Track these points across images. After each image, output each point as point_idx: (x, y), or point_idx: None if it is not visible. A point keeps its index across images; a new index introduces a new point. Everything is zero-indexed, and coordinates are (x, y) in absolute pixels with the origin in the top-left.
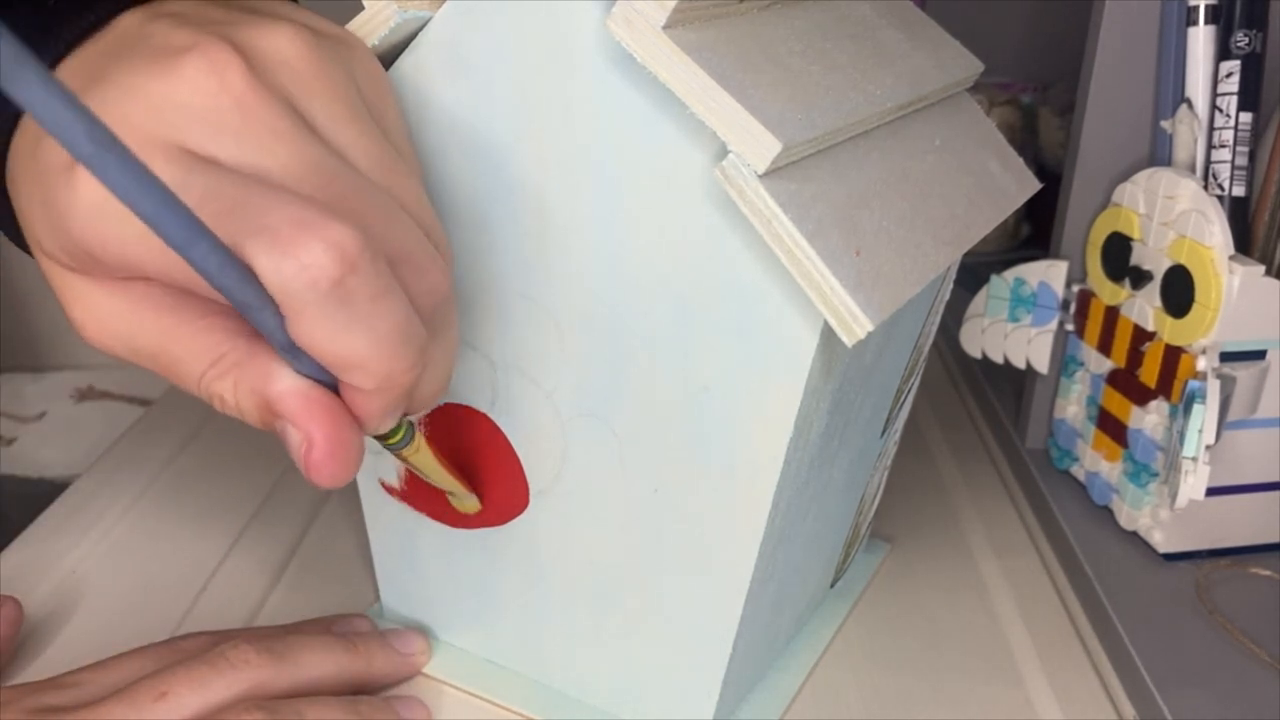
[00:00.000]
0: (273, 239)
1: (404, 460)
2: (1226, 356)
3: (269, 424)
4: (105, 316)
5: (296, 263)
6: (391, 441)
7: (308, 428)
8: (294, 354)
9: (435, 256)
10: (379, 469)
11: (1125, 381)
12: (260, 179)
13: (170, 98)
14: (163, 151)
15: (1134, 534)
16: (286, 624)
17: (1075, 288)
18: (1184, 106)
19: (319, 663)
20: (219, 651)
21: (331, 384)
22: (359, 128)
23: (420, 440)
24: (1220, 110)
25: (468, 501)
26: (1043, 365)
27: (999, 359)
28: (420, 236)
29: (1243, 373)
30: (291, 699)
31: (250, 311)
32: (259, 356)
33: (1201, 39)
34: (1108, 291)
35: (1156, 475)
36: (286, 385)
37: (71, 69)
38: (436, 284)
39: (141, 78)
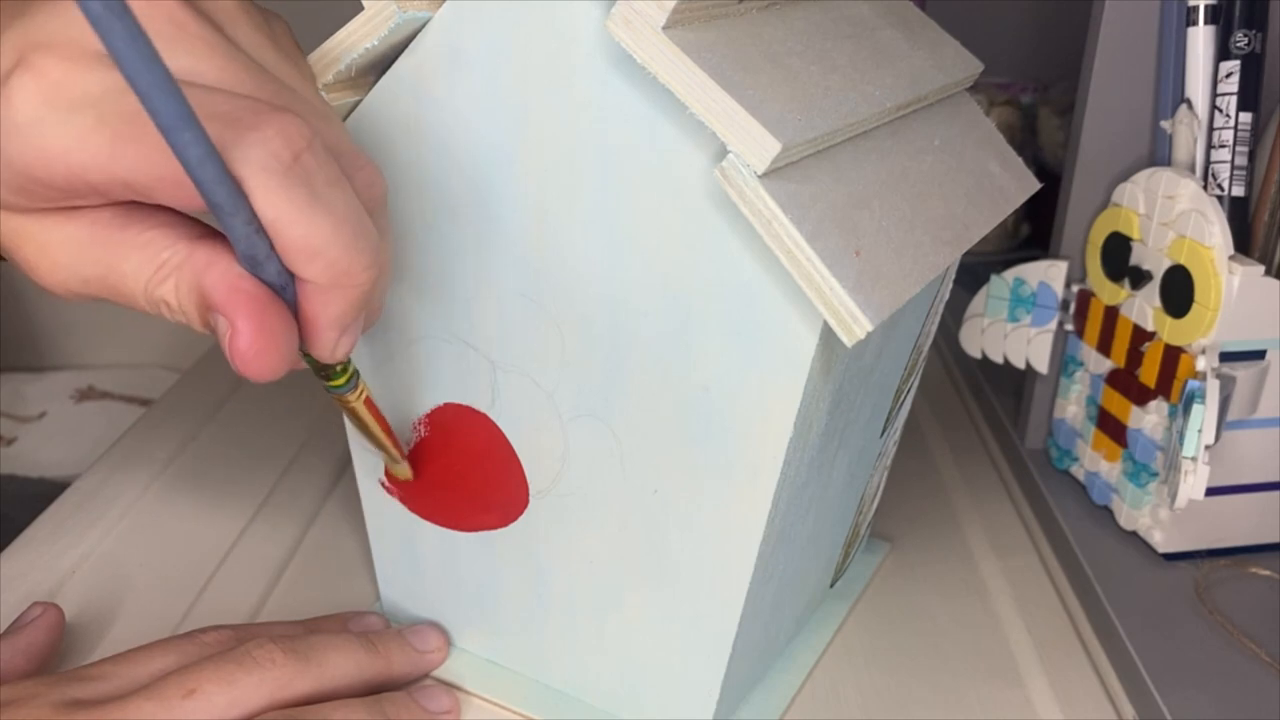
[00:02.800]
0: (234, 122)
1: (344, 407)
2: (1226, 356)
3: (206, 321)
4: (55, 252)
5: (259, 136)
6: (336, 383)
7: (233, 315)
8: (257, 264)
9: (368, 158)
10: (379, 469)
11: (1125, 381)
12: (201, 84)
13: None
14: (101, 60)
15: (1134, 534)
16: (304, 619)
17: (1075, 288)
18: (1184, 106)
19: (341, 662)
20: (245, 650)
21: (291, 299)
22: (278, 55)
23: (363, 390)
24: (1220, 110)
25: (400, 467)
26: (1042, 365)
27: (999, 359)
28: (349, 139)
29: (1242, 373)
30: (317, 705)
31: (222, 214)
32: (197, 254)
33: (1201, 39)
34: (1107, 291)
35: (1156, 475)
36: (219, 274)
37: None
38: (374, 179)
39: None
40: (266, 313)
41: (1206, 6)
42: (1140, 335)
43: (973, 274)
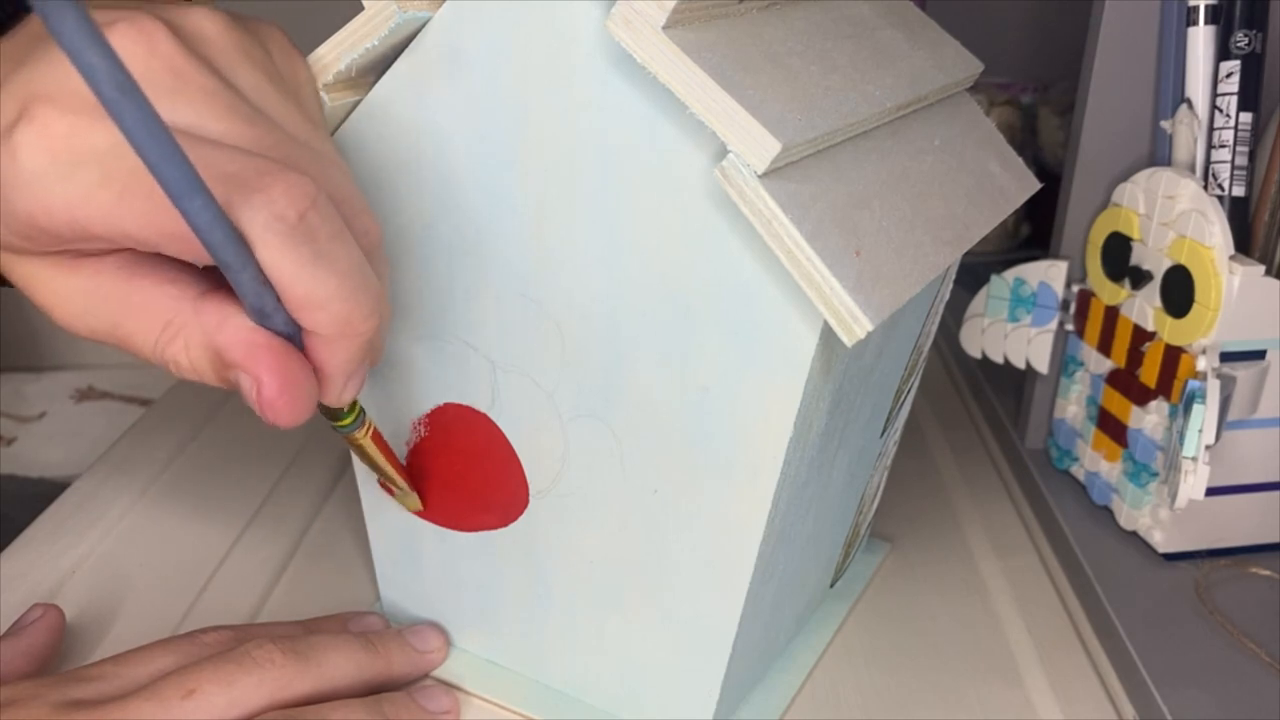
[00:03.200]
0: (240, 185)
1: (351, 444)
2: (1226, 356)
3: (225, 377)
4: (66, 301)
5: (265, 198)
6: (343, 423)
7: (255, 370)
8: (265, 316)
9: (366, 203)
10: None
11: (1125, 381)
12: (205, 139)
13: None
14: (104, 115)
15: (1134, 534)
16: (304, 620)
17: (1075, 288)
18: (1184, 106)
19: (341, 663)
20: (244, 650)
21: (298, 343)
22: (280, 96)
23: (369, 426)
24: (1220, 110)
25: (410, 499)
26: (1043, 365)
27: (999, 359)
28: (351, 184)
29: (1242, 373)
30: (317, 705)
31: (230, 271)
32: (205, 313)
33: (1201, 39)
34: (1108, 291)
35: (1156, 475)
36: (232, 332)
37: (4, 50)
38: (369, 226)
39: None
40: (287, 363)
41: (1206, 6)
42: (1140, 335)
43: (973, 274)
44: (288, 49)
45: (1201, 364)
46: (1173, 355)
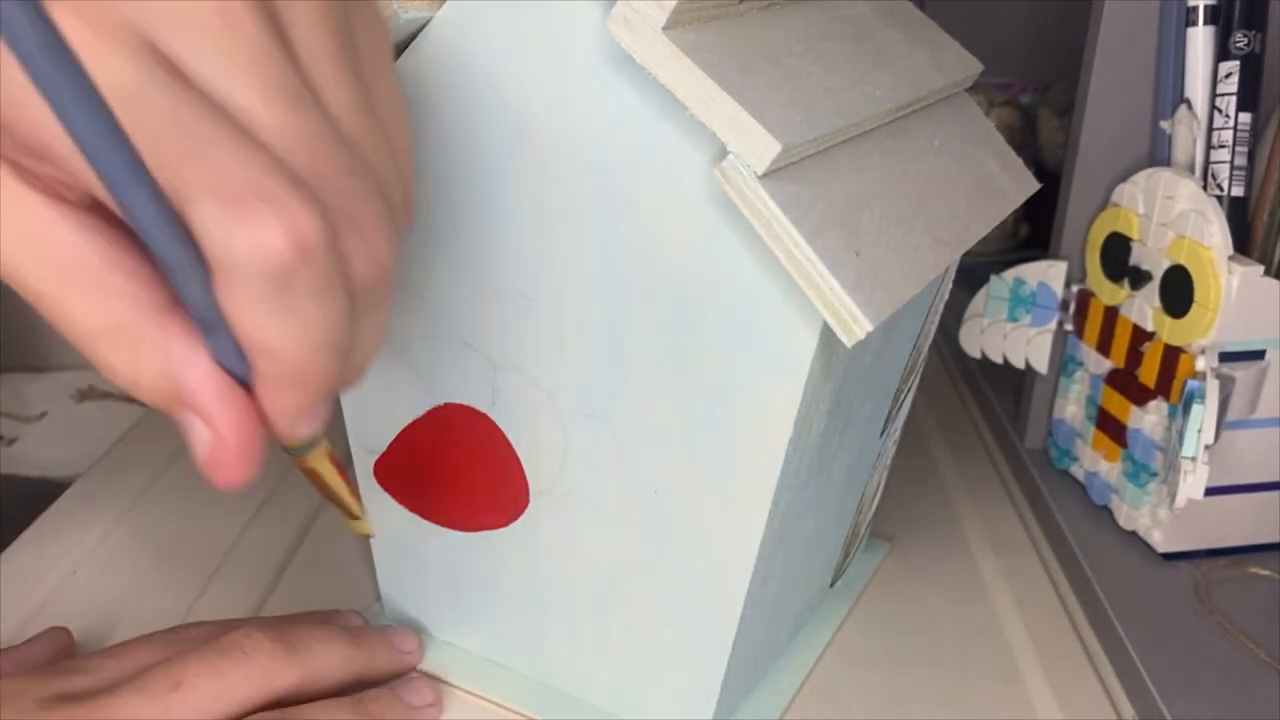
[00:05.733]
0: (232, 203)
1: (302, 467)
2: (1226, 356)
3: (169, 409)
4: (10, 224)
5: (251, 236)
6: (290, 446)
7: (220, 425)
8: (211, 331)
9: (385, 225)
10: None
11: (1124, 381)
12: (226, 114)
13: None
14: (127, 42)
15: (1133, 534)
16: (285, 615)
17: (1074, 288)
18: (1183, 107)
19: (327, 655)
20: (232, 640)
21: (242, 376)
22: (339, 68)
23: (324, 448)
24: (1219, 110)
25: (360, 525)
26: (1042, 365)
27: (998, 359)
28: (375, 202)
29: (1242, 373)
30: (303, 705)
31: (175, 274)
32: (174, 339)
33: (1201, 39)
34: (1107, 291)
35: (1156, 475)
36: (203, 376)
37: None
38: (380, 255)
39: None
40: (252, 424)
41: (1206, 6)
42: (1140, 335)
43: (973, 274)
44: (375, 22)
45: (1201, 364)
46: (1172, 355)
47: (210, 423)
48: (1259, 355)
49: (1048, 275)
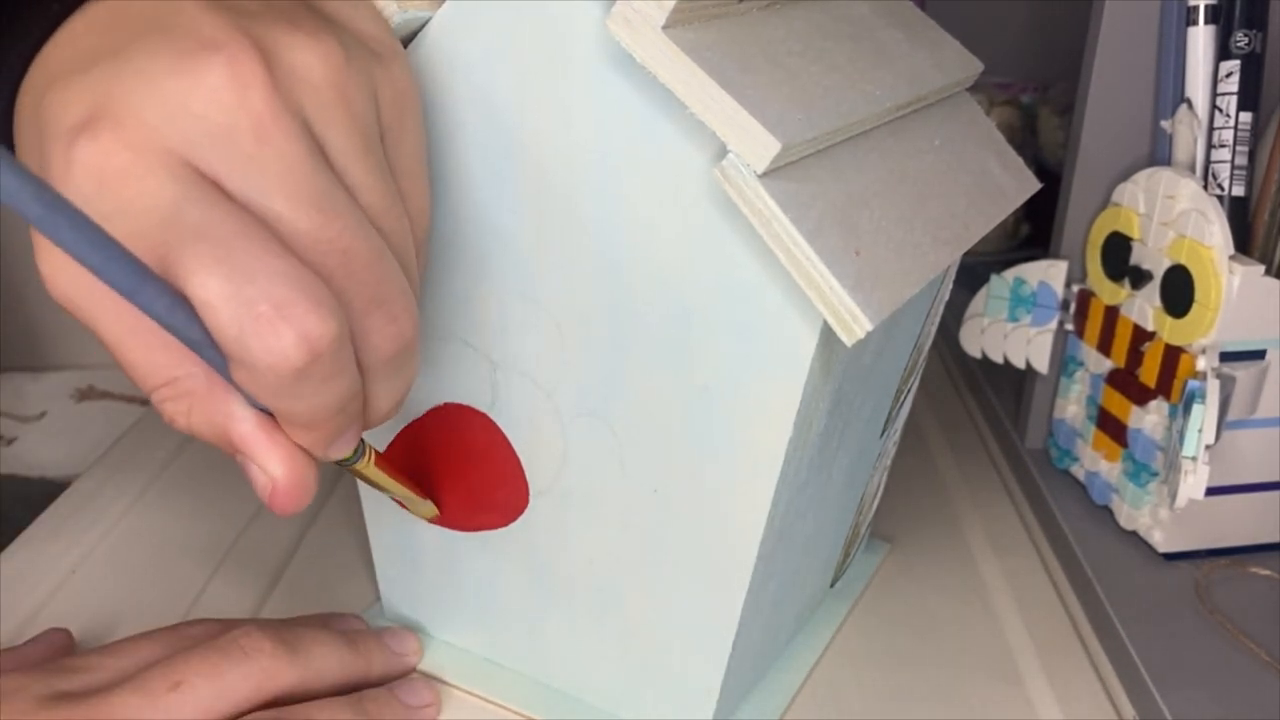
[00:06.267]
0: (250, 312)
1: (356, 474)
2: (1226, 356)
3: (226, 451)
4: (73, 279)
5: (265, 346)
6: (342, 460)
7: (269, 468)
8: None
9: (410, 304)
10: None
11: (1125, 381)
12: (257, 222)
13: (187, 104)
14: (168, 163)
15: (1134, 534)
16: (284, 618)
17: (1075, 287)
18: (1184, 106)
19: (326, 657)
20: (231, 638)
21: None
22: (369, 164)
23: (369, 456)
24: (1220, 110)
25: (423, 508)
26: (1042, 365)
27: (999, 359)
28: (401, 283)
29: (1242, 372)
30: (302, 705)
31: (197, 348)
32: (219, 391)
33: (1201, 39)
34: (1107, 291)
35: (1156, 475)
36: (250, 427)
37: (87, 20)
38: (404, 331)
39: (161, 68)
40: (300, 461)
41: (1206, 6)
42: (1140, 335)
43: (973, 274)
44: (400, 92)
45: (1201, 364)
46: (1172, 355)
47: (262, 467)
48: (1260, 355)
49: (1048, 275)
